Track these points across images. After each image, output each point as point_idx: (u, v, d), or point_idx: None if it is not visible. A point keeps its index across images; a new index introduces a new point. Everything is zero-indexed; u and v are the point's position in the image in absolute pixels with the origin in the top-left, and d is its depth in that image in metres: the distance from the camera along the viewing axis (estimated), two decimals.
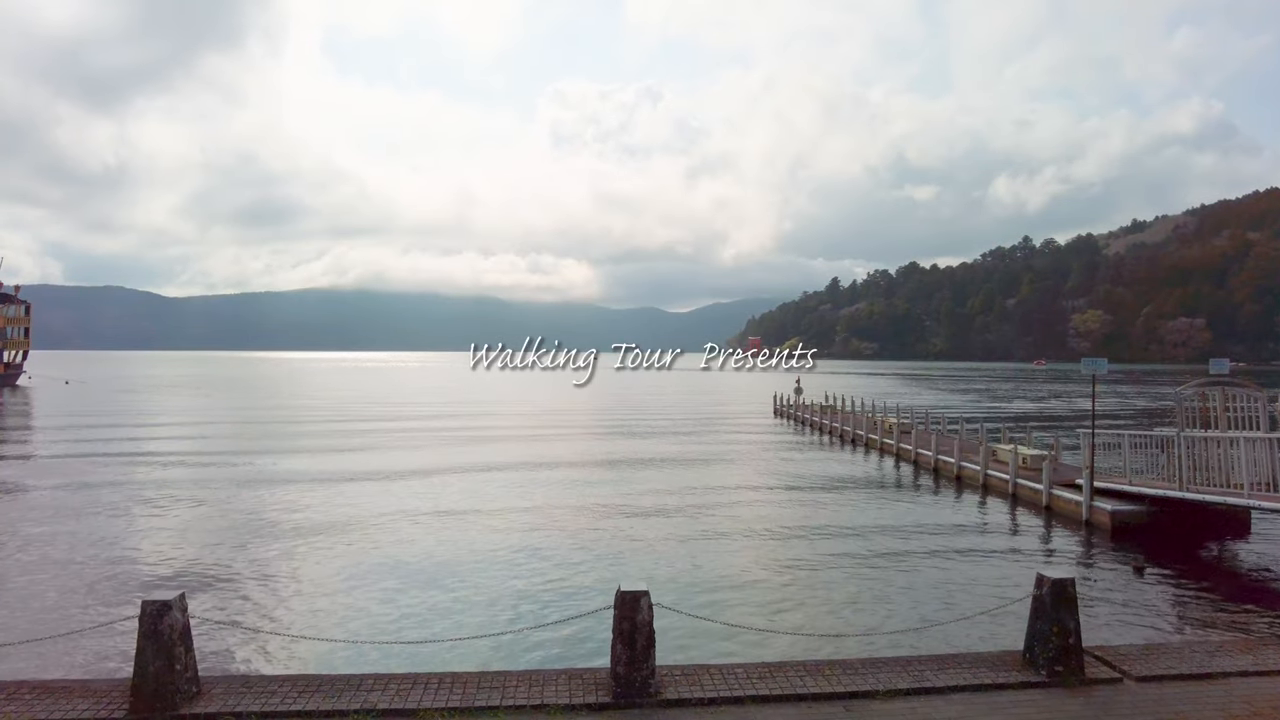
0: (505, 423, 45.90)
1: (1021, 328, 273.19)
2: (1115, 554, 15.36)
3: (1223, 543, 16.27)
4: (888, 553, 15.54)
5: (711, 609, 11.21)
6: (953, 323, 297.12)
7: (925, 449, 27.26)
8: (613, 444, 35.48)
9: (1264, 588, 13.45)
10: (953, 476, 24.21)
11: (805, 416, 45.67)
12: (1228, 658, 7.37)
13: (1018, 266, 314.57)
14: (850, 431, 36.71)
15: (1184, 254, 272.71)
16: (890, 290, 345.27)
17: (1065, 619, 7.04)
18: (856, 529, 17.79)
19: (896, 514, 19.61)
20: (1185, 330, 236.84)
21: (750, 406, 61.56)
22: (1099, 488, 17.69)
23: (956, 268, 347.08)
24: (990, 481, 22.22)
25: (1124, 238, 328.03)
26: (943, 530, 17.74)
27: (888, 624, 10.97)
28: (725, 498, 21.49)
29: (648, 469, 26.94)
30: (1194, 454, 15.73)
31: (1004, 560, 15.11)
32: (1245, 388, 16.54)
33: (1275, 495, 13.92)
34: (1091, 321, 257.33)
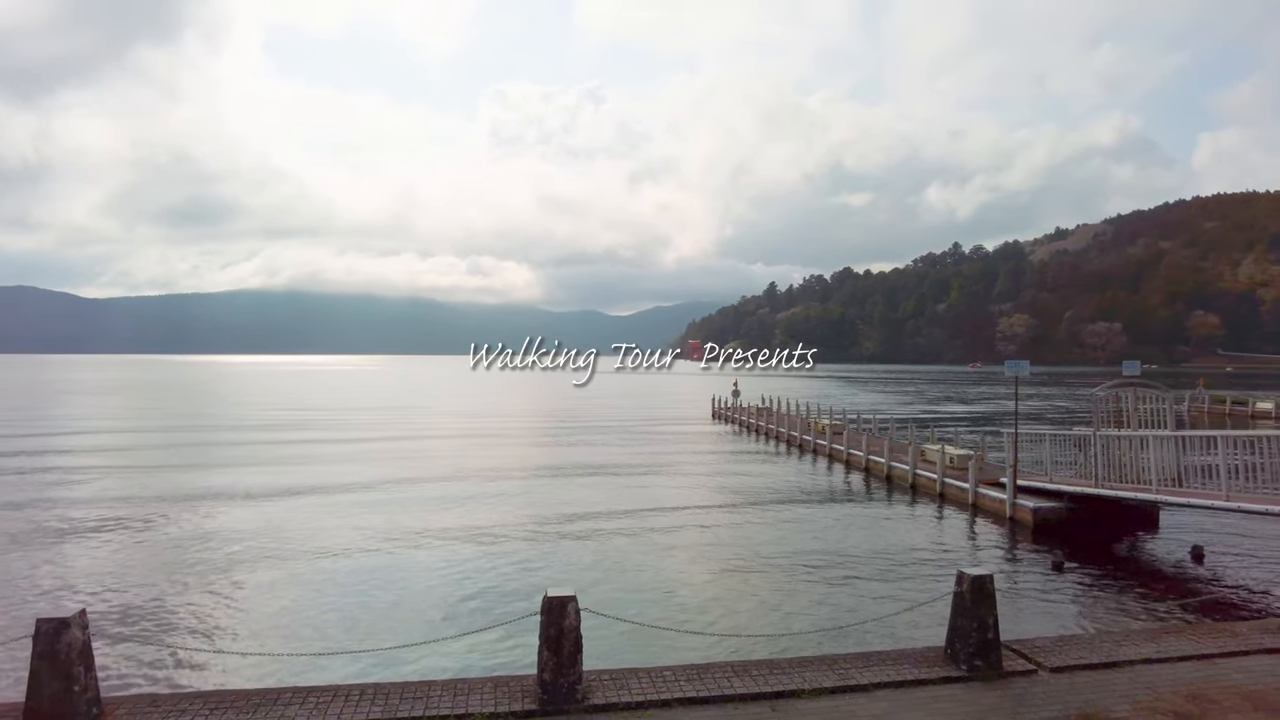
0: (440, 428, 45.20)
1: (951, 331, 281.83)
2: (1036, 550, 15.91)
3: (1134, 536, 17.00)
4: (817, 552, 15.77)
5: (642, 612, 11.20)
6: (886, 326, 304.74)
7: (856, 449, 27.82)
8: (548, 448, 35.27)
9: (1169, 579, 14.08)
10: (883, 476, 24.77)
11: (743, 419, 46.17)
12: (1133, 646, 7.67)
13: (948, 272, 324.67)
14: (785, 433, 37.24)
15: (1103, 261, 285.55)
16: (826, 295, 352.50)
17: (984, 615, 7.23)
18: (786, 530, 18.02)
19: (826, 514, 19.95)
20: (1104, 334, 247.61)
21: (689, 409, 61.93)
22: (1022, 486, 18.31)
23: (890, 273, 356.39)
24: (919, 481, 22.80)
25: (1048, 245, 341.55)
26: (871, 529, 18.10)
27: (816, 623, 11.13)
28: (657, 502, 21.51)
29: (581, 474, 26.80)
30: (1108, 452, 16.42)
31: (930, 558, 15.48)
32: (1153, 389, 17.33)
33: (1180, 490, 14.62)
34: (1018, 325, 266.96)
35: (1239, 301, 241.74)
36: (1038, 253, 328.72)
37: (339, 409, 61.88)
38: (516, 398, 79.19)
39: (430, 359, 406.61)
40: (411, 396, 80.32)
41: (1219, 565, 14.80)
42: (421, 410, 60.90)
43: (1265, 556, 15.29)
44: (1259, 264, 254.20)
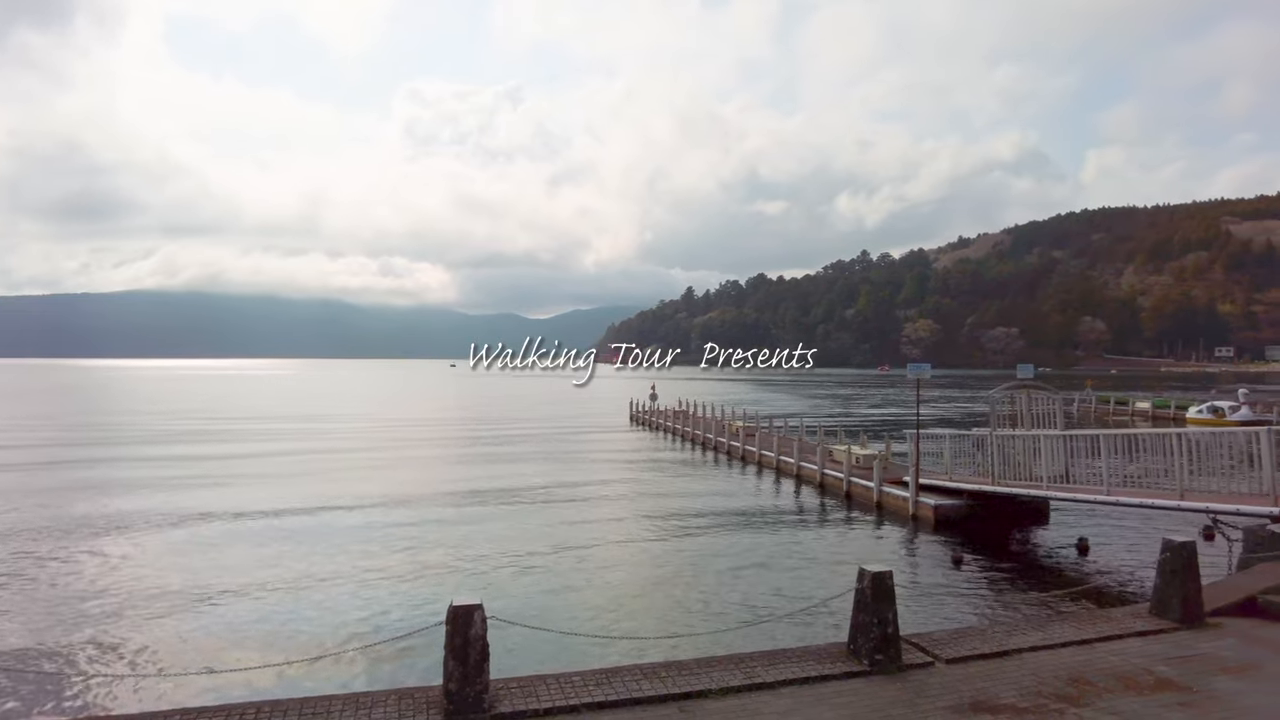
0: (348, 433, 43.87)
1: (860, 335, 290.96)
2: (937, 545, 16.56)
3: (1027, 530, 17.90)
4: (727, 553, 16.00)
5: (552, 619, 11.13)
6: (798, 331, 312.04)
7: (768, 450, 28.40)
8: (463, 454, 34.69)
9: (1057, 569, 14.90)
10: (793, 476, 25.36)
11: (660, 422, 46.48)
12: (1022, 635, 8.06)
13: (857, 279, 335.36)
14: (701, 436, 37.68)
15: (1001, 269, 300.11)
16: (741, 300, 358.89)
17: (884, 610, 7.44)
18: (698, 532, 18.21)
19: (737, 515, 20.26)
20: (1002, 338, 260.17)
21: (607, 413, 61.94)
22: (924, 484, 19.04)
23: (801, 279, 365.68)
24: (827, 480, 23.43)
25: (951, 253, 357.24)
26: (781, 528, 18.50)
27: (725, 623, 11.28)
28: (570, 508, 21.42)
29: (493, 479, 26.46)
30: (1004, 451, 17.25)
31: (837, 555, 15.92)
32: (1045, 390, 18.31)
33: (1068, 486, 15.49)
34: (922, 330, 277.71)
35: (1122, 308, 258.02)
36: (941, 260, 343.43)
37: (240, 417, 59.26)
38: (437, 404, 77.61)
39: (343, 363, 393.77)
40: (321, 404, 77.68)
41: (1102, 555, 15.74)
42: (331, 419, 58.94)
43: (1141, 545, 16.33)
44: (1139, 274, 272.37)
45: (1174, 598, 8.04)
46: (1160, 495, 13.54)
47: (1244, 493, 12.62)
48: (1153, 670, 6.95)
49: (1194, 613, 7.99)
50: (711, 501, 22.22)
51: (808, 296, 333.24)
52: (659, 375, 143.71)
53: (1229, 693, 6.41)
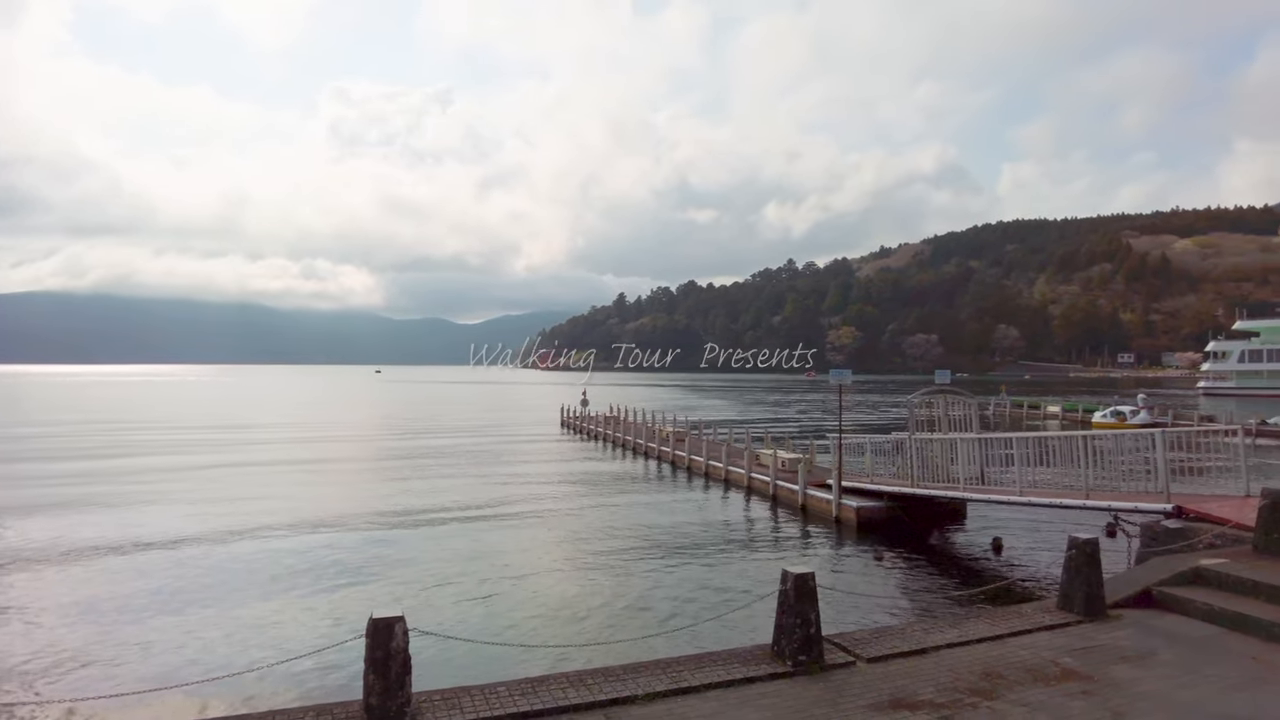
0: (265, 443, 42.39)
1: (786, 342, 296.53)
2: (859, 547, 16.97)
3: (945, 531, 18.51)
4: (654, 558, 16.07)
5: (476, 629, 10.97)
6: (727, 337, 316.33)
7: (697, 455, 28.67)
8: (387, 464, 33.91)
9: (973, 568, 15.45)
10: (721, 480, 25.65)
11: (590, 428, 46.38)
12: (939, 633, 8.31)
13: (783, 286, 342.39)
14: (631, 441, 37.75)
15: (921, 277, 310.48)
16: (672, 306, 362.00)
17: (807, 611, 7.57)
18: (625, 537, 18.23)
19: (665, 519, 20.36)
20: (922, 345, 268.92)
21: (538, 419, 61.48)
22: (847, 486, 19.49)
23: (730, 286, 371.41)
24: (753, 484, 23.78)
25: (874, 262, 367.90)
26: (708, 532, 18.67)
27: (652, 628, 11.31)
28: (496, 516, 21.16)
29: (417, 489, 25.92)
30: (922, 454, 17.81)
31: (763, 558, 16.16)
32: (961, 395, 19.00)
33: (983, 488, 16.09)
34: (845, 337, 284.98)
35: (1034, 316, 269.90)
36: (864, 269, 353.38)
37: (147, 427, 56.62)
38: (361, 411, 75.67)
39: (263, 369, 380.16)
40: (237, 412, 74.86)
41: (1014, 553, 16.40)
42: (247, 428, 56.83)
43: (1052, 543, 17.07)
44: (1049, 284, 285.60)
45: (1078, 592, 8.42)
46: (1067, 495, 14.20)
47: (1142, 491, 13.33)
48: (1059, 662, 7.25)
49: (1096, 606, 8.37)
50: (640, 507, 22.27)
51: (737, 303, 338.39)
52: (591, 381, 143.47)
53: (1126, 680, 6.74)
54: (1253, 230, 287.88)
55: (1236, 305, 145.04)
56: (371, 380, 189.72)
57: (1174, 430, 13.50)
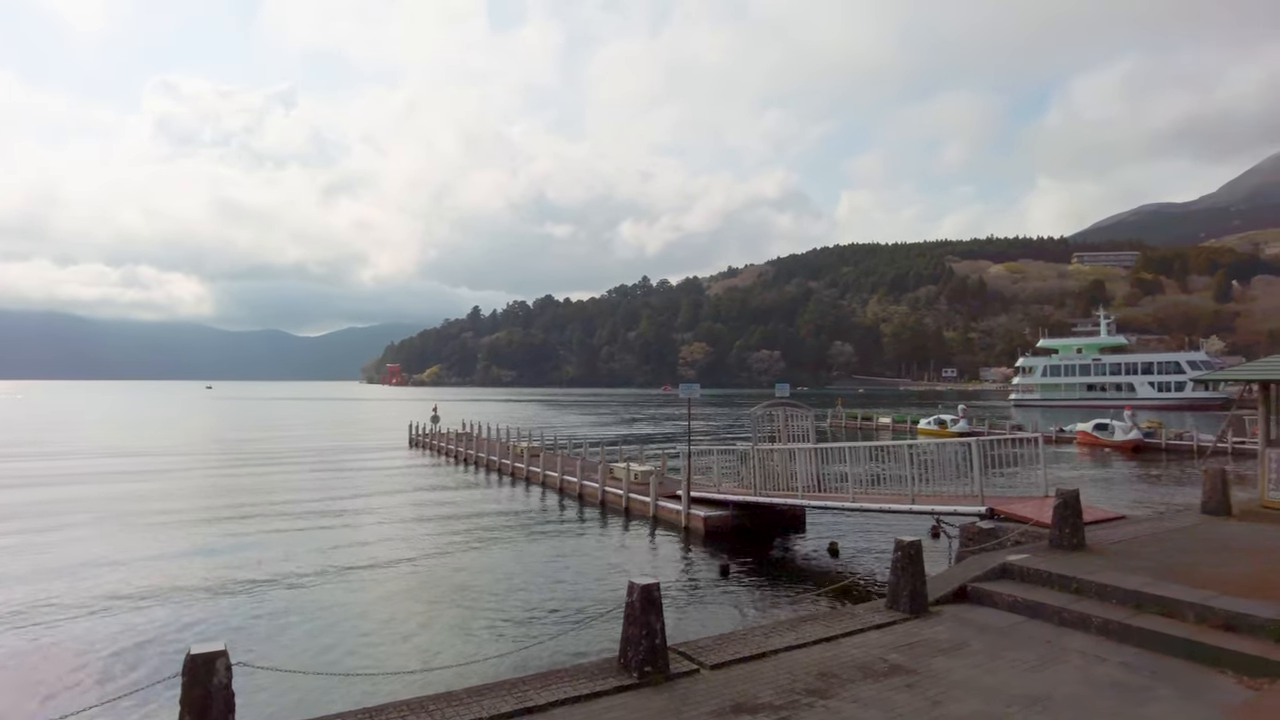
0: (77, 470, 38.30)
1: (641, 357, 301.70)
2: (706, 555, 17.39)
3: (786, 537, 19.32)
4: (505, 576, 15.80)
5: (313, 659, 10.33)
6: (583, 352, 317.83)
7: (552, 471, 28.48)
8: (217, 487, 31.46)
9: (812, 572, 16.21)
10: (576, 495, 25.61)
11: (442, 445, 45.03)
12: (779, 636, 8.63)
13: (638, 303, 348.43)
14: (485, 458, 36.98)
15: (765, 297, 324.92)
16: (528, 320, 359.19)
17: (652, 622, 7.64)
18: (475, 556, 17.83)
19: (518, 536, 20.09)
20: (766, 360, 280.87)
21: (384, 437, 58.97)
22: (695, 497, 19.97)
23: (587, 302, 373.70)
24: (608, 498, 23.91)
25: (722, 281, 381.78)
26: (561, 547, 18.56)
27: (500, 648, 11.08)
28: (336, 539, 20.11)
29: (250, 515, 24.20)
30: (764, 464, 18.54)
31: (615, 570, 16.23)
32: (799, 407, 19.94)
33: (820, 495, 16.94)
34: (696, 352, 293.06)
35: (867, 334, 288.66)
36: (714, 288, 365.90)
37: None
38: (190, 431, 69.80)
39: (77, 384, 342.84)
40: (43, 435, 67.19)
41: (850, 557, 17.34)
42: (54, 454, 51.12)
43: (883, 546, 18.20)
44: (881, 304, 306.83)
45: (904, 592, 8.99)
46: (896, 500, 15.20)
47: (961, 495, 14.48)
48: (886, 658, 7.69)
49: (920, 604, 8.98)
50: (491, 524, 21.82)
51: (593, 319, 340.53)
52: (441, 396, 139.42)
53: (943, 670, 7.25)
54: (1053, 258, 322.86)
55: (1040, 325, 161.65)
56: (201, 397, 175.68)
57: (987, 438, 14.79)
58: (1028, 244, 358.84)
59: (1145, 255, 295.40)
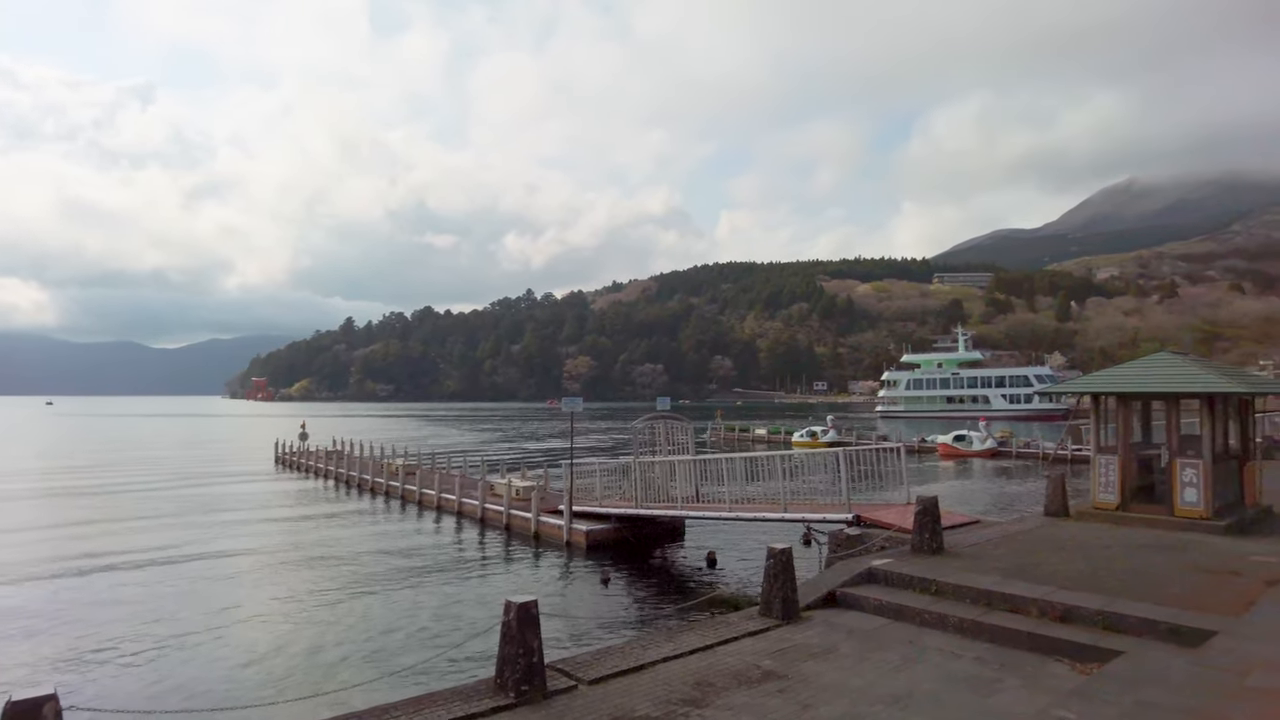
0: None
1: (525, 371, 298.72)
2: (588, 569, 17.34)
3: (666, 548, 19.53)
4: (379, 599, 15.22)
5: (163, 698, 9.57)
6: (465, 365, 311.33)
7: (429, 488, 27.68)
8: (61, 515, 28.79)
9: (690, 581, 16.45)
10: (454, 512, 24.98)
11: (310, 463, 42.91)
12: (657, 648, 8.69)
13: (522, 316, 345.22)
14: (357, 476, 35.52)
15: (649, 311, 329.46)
16: (406, 332, 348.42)
17: (530, 640, 7.53)
18: (347, 580, 17.09)
19: (391, 558, 19.37)
20: (650, 373, 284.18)
21: (247, 457, 55.61)
22: (577, 511, 19.89)
23: (469, 314, 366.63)
24: (487, 514, 23.46)
25: (607, 295, 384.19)
26: (439, 567, 18.05)
27: (374, 673, 10.63)
28: (194, 570, 18.78)
29: (98, 545, 22.27)
30: (645, 477, 18.71)
31: (495, 589, 15.91)
32: (679, 420, 20.29)
33: (698, 505, 17.25)
34: (581, 366, 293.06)
35: (745, 349, 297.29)
36: (598, 302, 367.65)
37: None
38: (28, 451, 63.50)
39: None
40: None
41: (727, 566, 17.71)
42: None
43: (758, 554, 18.69)
44: (757, 320, 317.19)
45: (776, 598, 9.25)
46: (770, 509, 15.66)
47: (830, 503, 15.09)
48: (760, 665, 7.88)
49: (792, 610, 9.26)
50: (361, 546, 20.95)
51: (476, 332, 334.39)
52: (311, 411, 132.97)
53: (814, 674, 7.50)
54: (915, 278, 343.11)
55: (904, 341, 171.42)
56: (39, 413, 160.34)
57: (854, 449, 15.49)
58: (893, 264, 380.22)
59: (998, 277, 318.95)
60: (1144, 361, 14.51)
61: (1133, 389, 13.44)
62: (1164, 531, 12.34)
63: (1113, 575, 9.59)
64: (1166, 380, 13.04)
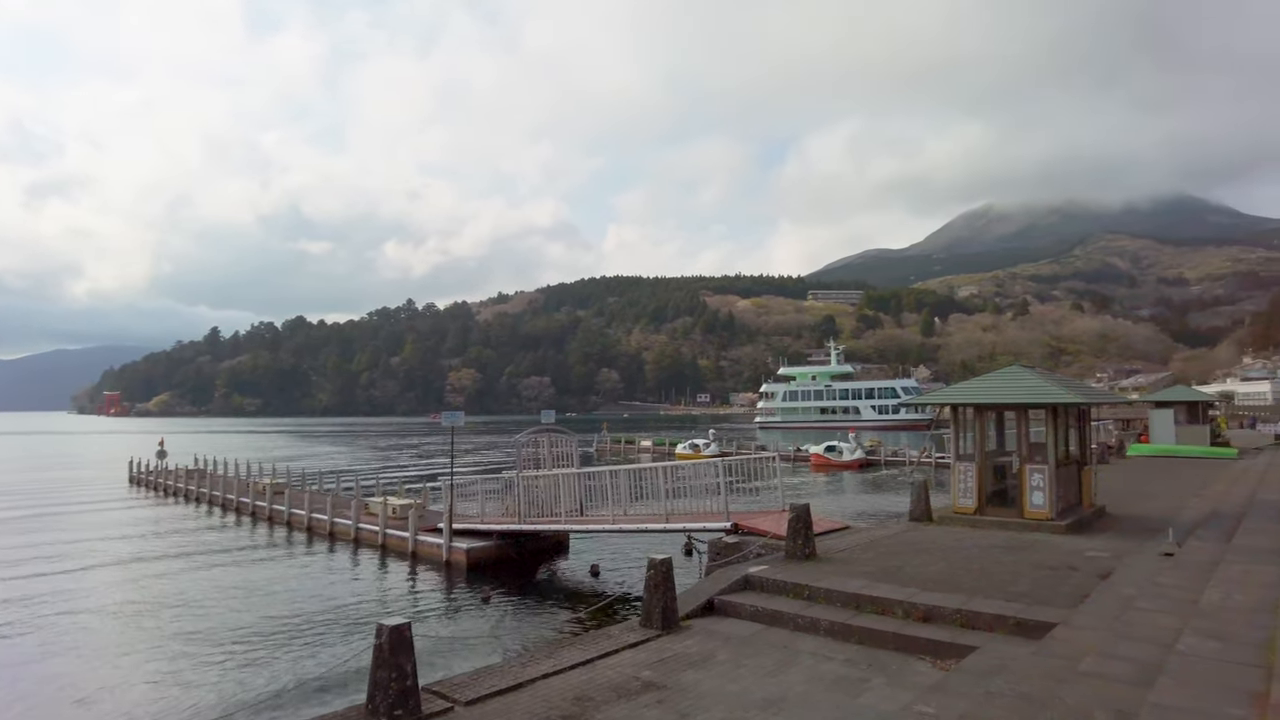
0: None
1: (405, 384, 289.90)
2: (469, 589, 16.94)
3: (551, 563, 19.36)
4: (238, 626, 14.34)
5: None
6: (340, 378, 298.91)
7: (299, 509, 26.34)
8: None
9: (574, 595, 16.37)
10: (326, 534, 23.88)
11: (169, 483, 40.00)
12: (536, 665, 8.58)
13: (402, 326, 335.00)
14: (220, 496, 33.37)
15: (535, 323, 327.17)
16: (277, 343, 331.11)
17: (403, 663, 7.28)
18: (202, 605, 16.05)
19: (258, 584, 18.28)
20: (536, 386, 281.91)
21: (99, 475, 51.22)
22: (458, 529, 19.42)
23: (345, 324, 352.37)
24: (362, 535, 22.54)
25: (492, 306, 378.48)
26: (306, 592, 17.20)
27: (238, 703, 9.99)
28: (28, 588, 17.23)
29: None
30: (529, 491, 18.49)
31: (369, 613, 15.30)
32: (563, 433, 20.20)
33: (582, 519, 17.20)
34: (465, 379, 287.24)
35: (631, 362, 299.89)
36: (483, 313, 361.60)
37: None
38: None
39: None
40: None
41: (611, 578, 17.72)
42: None
43: (641, 565, 18.81)
44: (643, 333, 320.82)
45: (656, 608, 9.33)
46: (653, 520, 15.79)
47: (710, 512, 15.36)
48: (639, 676, 7.91)
49: (671, 619, 9.36)
50: (225, 571, 19.70)
51: (352, 342, 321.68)
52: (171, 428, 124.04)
53: (692, 683, 7.60)
54: (792, 295, 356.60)
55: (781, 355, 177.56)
56: None
57: (732, 459, 15.85)
58: (771, 281, 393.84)
59: (868, 294, 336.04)
60: (998, 374, 15.59)
61: (987, 400, 14.41)
62: (1015, 532, 13.26)
63: (969, 575, 10.22)
64: (1017, 392, 14.05)
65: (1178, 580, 9.09)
